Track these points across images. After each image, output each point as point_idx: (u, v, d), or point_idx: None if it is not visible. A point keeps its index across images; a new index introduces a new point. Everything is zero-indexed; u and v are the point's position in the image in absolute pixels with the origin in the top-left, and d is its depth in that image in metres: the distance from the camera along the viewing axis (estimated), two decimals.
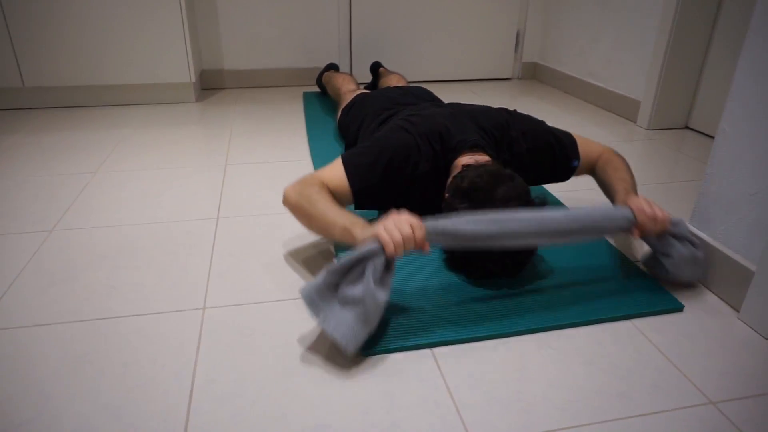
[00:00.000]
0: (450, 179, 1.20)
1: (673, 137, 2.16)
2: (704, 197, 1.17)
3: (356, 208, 1.22)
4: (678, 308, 1.08)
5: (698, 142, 2.11)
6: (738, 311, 1.07)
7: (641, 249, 1.30)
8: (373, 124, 1.62)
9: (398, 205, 1.23)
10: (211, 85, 2.74)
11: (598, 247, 1.30)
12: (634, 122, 2.31)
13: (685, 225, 1.13)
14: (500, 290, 1.12)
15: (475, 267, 1.15)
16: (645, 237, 1.11)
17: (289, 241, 1.31)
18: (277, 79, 2.80)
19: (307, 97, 2.59)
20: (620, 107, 2.40)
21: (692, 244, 1.12)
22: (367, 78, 2.69)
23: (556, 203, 1.54)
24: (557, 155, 1.31)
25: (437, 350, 0.96)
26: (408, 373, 0.91)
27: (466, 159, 1.22)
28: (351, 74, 2.36)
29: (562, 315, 1.05)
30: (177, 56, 2.38)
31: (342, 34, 2.77)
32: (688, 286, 1.16)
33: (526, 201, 1.08)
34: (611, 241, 1.33)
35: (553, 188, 1.63)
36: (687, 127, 2.26)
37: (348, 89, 2.12)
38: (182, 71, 2.42)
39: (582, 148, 1.33)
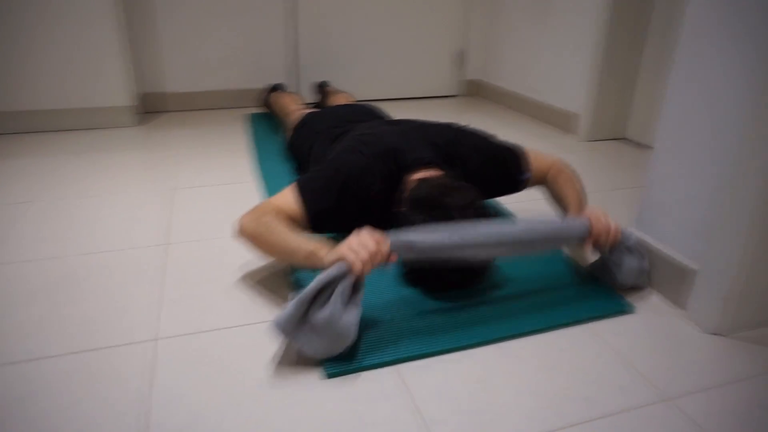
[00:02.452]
0: (405, 194, 1.21)
1: (611, 147, 2.27)
2: (646, 203, 1.23)
3: (313, 232, 1.20)
4: (630, 310, 1.12)
5: (634, 152, 2.22)
6: (684, 309, 1.12)
7: (591, 256, 1.34)
8: (325, 142, 1.62)
9: (356, 226, 1.23)
10: (153, 108, 2.66)
11: (551, 254, 1.33)
12: (575, 134, 2.41)
13: (635, 237, 1.18)
14: (458, 302, 1.13)
15: (434, 280, 1.15)
16: (598, 247, 1.15)
17: (244, 264, 1.28)
18: (222, 101, 2.75)
19: (254, 118, 2.55)
20: (561, 121, 2.50)
21: (640, 254, 1.17)
22: (315, 97, 2.68)
23: (507, 214, 1.57)
24: (509, 169, 1.34)
25: (402, 366, 0.95)
26: (374, 391, 0.90)
27: (420, 174, 1.23)
28: (298, 94, 2.35)
29: (521, 323, 1.06)
30: (115, 79, 2.30)
31: (289, 54, 2.76)
32: (635, 288, 1.21)
33: (480, 210, 1.10)
34: (564, 248, 1.37)
35: (505, 198, 1.67)
36: (624, 138, 2.38)
37: (295, 109, 2.10)
38: (121, 94, 2.34)
39: (533, 161, 1.37)
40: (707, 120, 1.05)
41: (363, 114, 1.77)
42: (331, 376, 0.92)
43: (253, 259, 1.30)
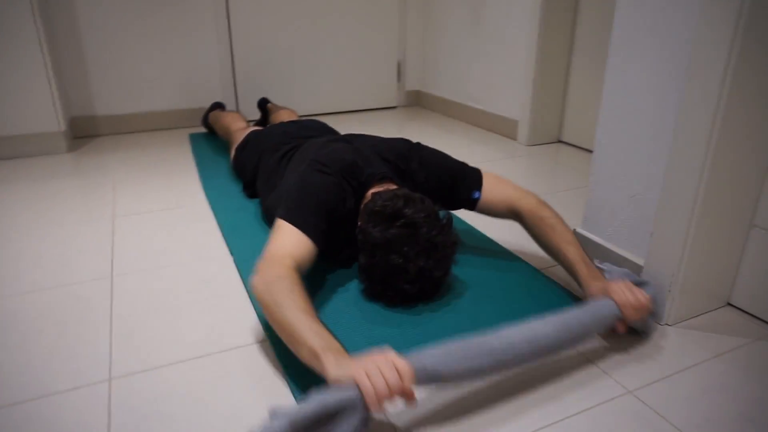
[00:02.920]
0: (362, 208, 1.20)
1: (549, 151, 2.36)
2: (591, 203, 1.29)
3: (321, 250, 1.14)
4: None
5: (570, 153, 2.32)
6: None
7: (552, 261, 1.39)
8: (272, 160, 1.59)
9: (334, 248, 1.23)
10: (85, 132, 2.53)
11: (504, 257, 1.36)
12: (515, 140, 2.49)
13: (652, 286, 1.08)
14: (420, 315, 1.13)
15: (394, 293, 1.15)
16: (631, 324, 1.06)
17: (196, 292, 1.23)
18: (158, 122, 2.65)
19: (193, 138, 2.48)
20: (501, 127, 2.58)
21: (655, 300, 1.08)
22: (256, 115, 2.64)
23: (482, 237, 1.60)
24: (458, 186, 1.32)
25: None
26: None
27: (375, 189, 1.23)
28: (239, 112, 2.30)
29: (485, 328, 1.08)
30: (42, 103, 2.18)
31: (224, 71, 2.70)
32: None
33: (435, 219, 1.11)
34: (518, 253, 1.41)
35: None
36: (560, 141, 2.48)
37: (238, 127, 2.06)
38: (49, 119, 2.21)
39: (492, 186, 1.31)
40: (642, 123, 1.12)
41: (310, 130, 1.75)
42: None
43: (205, 285, 1.26)
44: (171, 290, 1.24)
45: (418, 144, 1.40)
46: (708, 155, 0.98)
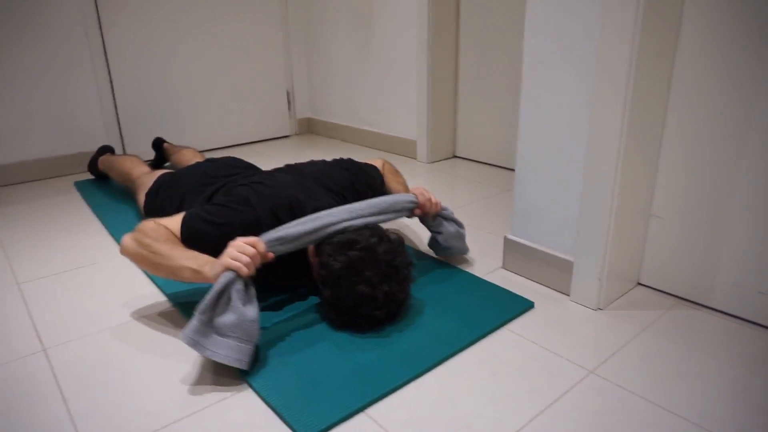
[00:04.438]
0: (314, 248, 1.23)
1: (448, 166, 2.54)
2: (517, 210, 1.44)
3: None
4: (531, 305, 1.30)
5: (466, 166, 2.52)
6: (569, 295, 1.34)
7: (481, 266, 1.51)
8: (197, 202, 1.54)
9: (274, 277, 1.29)
10: None
11: (441, 267, 1.46)
12: (415, 158, 2.64)
13: (450, 210, 1.49)
14: (390, 337, 1.18)
15: (364, 320, 1.19)
16: (422, 219, 1.44)
17: (147, 351, 1.16)
18: (34, 173, 2.39)
19: (81, 186, 2.27)
20: (400, 147, 2.72)
21: (456, 223, 1.49)
22: (149, 155, 2.49)
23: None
24: (376, 181, 1.55)
25: (371, 410, 0.97)
26: None
27: None
28: (136, 156, 2.16)
29: (456, 340, 1.16)
30: None
31: (106, 112, 2.52)
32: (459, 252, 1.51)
33: (387, 240, 1.18)
34: (460, 264, 1.51)
35: None
36: (455, 156, 2.68)
37: (141, 172, 1.94)
38: None
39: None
40: (557, 138, 1.28)
41: (229, 167, 1.72)
42: None
43: (156, 335, 1.18)
44: (117, 356, 1.15)
45: (350, 161, 1.53)
46: (619, 160, 1.17)
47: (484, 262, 1.54)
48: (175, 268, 1.10)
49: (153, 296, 1.39)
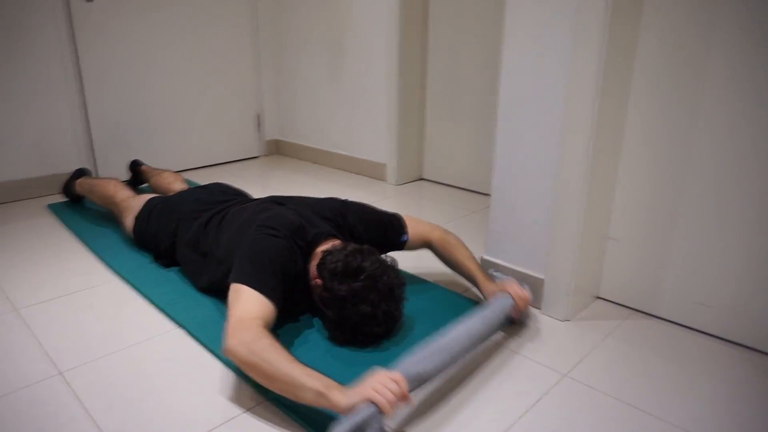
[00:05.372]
0: (316, 267, 1.34)
1: (415, 188, 2.71)
2: (493, 233, 1.61)
3: (280, 309, 1.23)
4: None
5: (432, 188, 2.70)
6: (540, 308, 1.51)
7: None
8: (193, 228, 1.62)
9: (289, 306, 1.32)
10: None
11: (438, 293, 1.61)
12: (384, 181, 2.79)
13: (527, 285, 1.43)
14: (389, 350, 1.31)
15: (364, 337, 1.31)
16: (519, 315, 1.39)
17: (166, 371, 1.23)
18: (5, 194, 2.36)
19: (56, 209, 2.28)
20: (369, 170, 2.86)
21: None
22: (122, 177, 2.52)
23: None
24: (389, 232, 1.55)
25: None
26: None
27: (323, 247, 1.38)
28: (116, 179, 2.19)
29: None
30: None
31: (79, 134, 2.53)
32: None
33: (387, 266, 1.31)
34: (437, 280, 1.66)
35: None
36: (421, 179, 2.85)
37: (126, 195, 1.98)
38: None
39: (412, 226, 1.57)
40: (531, 168, 1.46)
41: (223, 194, 1.80)
42: None
43: (175, 364, 1.26)
44: (140, 374, 1.22)
45: (346, 201, 1.58)
46: (584, 191, 1.36)
47: (463, 279, 1.69)
48: (295, 386, 1.00)
49: (157, 318, 1.46)
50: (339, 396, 0.97)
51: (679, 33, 1.29)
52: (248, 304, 1.16)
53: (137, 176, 2.45)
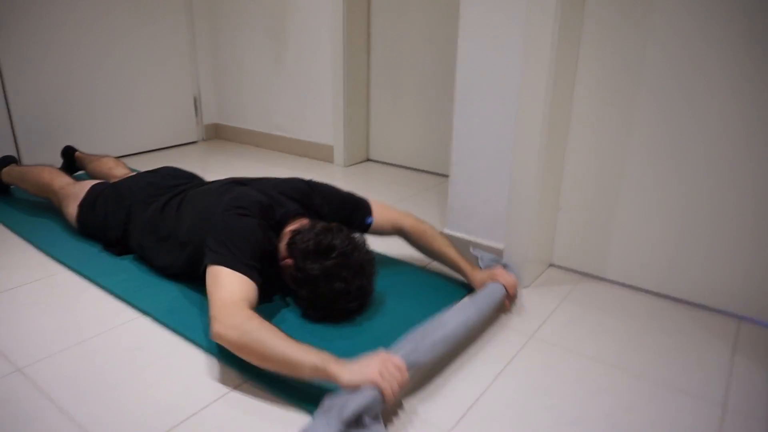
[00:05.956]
0: (285, 246, 1.33)
1: (363, 169, 2.73)
2: (452, 208, 1.66)
3: (259, 287, 1.22)
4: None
5: (379, 169, 2.73)
6: None
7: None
8: (148, 213, 1.56)
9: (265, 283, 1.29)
10: None
11: (403, 267, 1.64)
12: (332, 162, 2.79)
13: (512, 268, 1.51)
14: (362, 325, 1.33)
15: (338, 313, 1.33)
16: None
17: (133, 361, 1.20)
18: None
19: None
20: (316, 152, 2.85)
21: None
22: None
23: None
24: (354, 215, 1.54)
25: None
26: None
27: (292, 226, 1.37)
28: (51, 165, 2.04)
29: (416, 321, 1.32)
30: None
31: None
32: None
33: (357, 243, 1.32)
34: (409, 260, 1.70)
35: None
36: (368, 160, 2.88)
37: (64, 182, 1.86)
38: None
39: (379, 211, 1.55)
40: (488, 145, 1.53)
41: (176, 177, 1.74)
42: None
43: (141, 352, 1.22)
44: (106, 366, 1.17)
45: (311, 181, 1.58)
46: (540, 165, 1.44)
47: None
48: (291, 363, 1.01)
49: (117, 308, 1.40)
50: (338, 369, 0.98)
51: (621, 14, 1.38)
52: (231, 286, 1.14)
53: (71, 163, 2.30)
